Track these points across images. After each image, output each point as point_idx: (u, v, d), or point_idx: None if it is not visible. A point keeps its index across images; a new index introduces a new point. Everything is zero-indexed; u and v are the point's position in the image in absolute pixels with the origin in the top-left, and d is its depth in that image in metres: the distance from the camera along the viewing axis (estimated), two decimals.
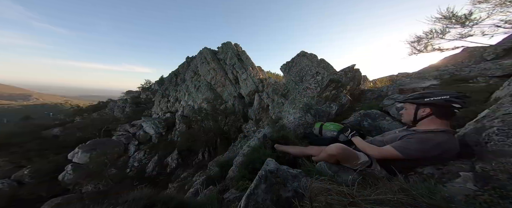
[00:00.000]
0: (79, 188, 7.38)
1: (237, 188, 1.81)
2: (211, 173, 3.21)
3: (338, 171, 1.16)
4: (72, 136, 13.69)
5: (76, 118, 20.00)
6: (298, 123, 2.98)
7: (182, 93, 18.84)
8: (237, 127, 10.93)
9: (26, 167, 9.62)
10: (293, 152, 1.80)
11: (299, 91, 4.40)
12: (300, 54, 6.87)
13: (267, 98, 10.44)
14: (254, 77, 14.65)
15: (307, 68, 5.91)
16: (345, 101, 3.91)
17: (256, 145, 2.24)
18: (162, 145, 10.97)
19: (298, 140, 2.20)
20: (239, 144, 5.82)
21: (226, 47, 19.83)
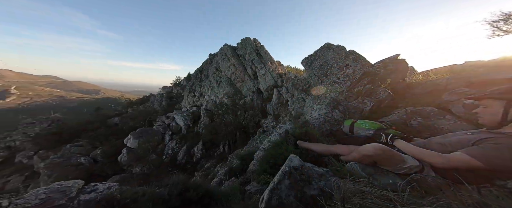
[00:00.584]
0: (130, 169, 9.09)
1: (258, 181, 1.84)
2: (233, 165, 3.37)
3: (374, 173, 1.06)
4: (126, 124, 16.89)
5: (129, 109, 24.33)
6: (324, 120, 2.72)
7: (205, 88, 20.26)
8: (255, 121, 11.05)
9: (98, 148, 12.56)
10: (317, 149, 1.70)
11: (325, 85, 3.96)
12: (324, 46, 6.14)
13: (286, 93, 10.01)
14: (272, 72, 14.24)
15: (332, 61, 5.25)
16: (383, 97, 3.31)
17: (277, 141, 2.20)
18: (190, 136, 11.95)
19: (324, 138, 2.09)
20: (259, 139, 5.86)
21: (245, 42, 19.82)
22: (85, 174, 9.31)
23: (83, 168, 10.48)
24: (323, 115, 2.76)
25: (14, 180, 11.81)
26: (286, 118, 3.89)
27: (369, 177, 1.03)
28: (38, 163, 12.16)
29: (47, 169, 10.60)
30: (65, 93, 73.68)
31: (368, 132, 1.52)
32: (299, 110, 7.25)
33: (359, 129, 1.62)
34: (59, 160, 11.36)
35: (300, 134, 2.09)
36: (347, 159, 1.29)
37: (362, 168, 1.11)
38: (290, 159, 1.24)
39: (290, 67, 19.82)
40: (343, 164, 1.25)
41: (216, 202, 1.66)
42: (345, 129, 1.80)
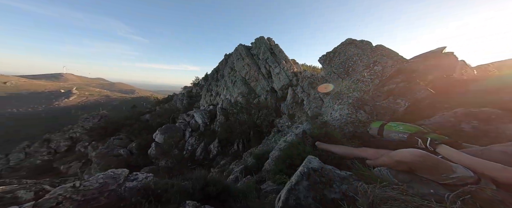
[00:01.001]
0: (157, 162, 10.17)
1: (274, 181, 1.82)
2: (248, 164, 3.39)
3: (410, 181, 0.95)
4: (155, 121, 19.03)
5: (157, 107, 27.42)
6: (346, 121, 2.47)
7: (221, 87, 21.10)
8: (269, 121, 10.92)
9: (133, 141, 14.50)
10: (339, 152, 1.60)
11: (347, 84, 3.57)
12: (346, 42, 5.54)
13: (302, 92, 9.53)
14: (287, 71, 13.78)
15: (355, 57, 4.69)
16: (423, 96, 2.78)
17: (294, 141, 2.16)
18: (207, 134, 12.58)
19: (346, 140, 1.98)
20: (273, 139, 5.74)
21: (259, 42, 19.73)
22: (124, 164, 10.87)
23: (122, 158, 12.27)
24: (345, 116, 2.50)
25: (74, 165, 14.71)
26: (303, 118, 3.67)
27: (404, 184, 0.92)
28: (91, 153, 14.82)
29: (96, 158, 12.84)
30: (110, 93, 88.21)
31: (402, 136, 1.38)
32: (316, 110, 6.80)
33: (390, 132, 1.48)
34: (105, 150, 13.59)
35: (318, 135, 2.01)
36: (375, 164, 1.19)
37: (393, 174, 1.01)
38: (309, 160, 1.21)
39: (306, 66, 18.85)
40: (369, 169, 1.15)
41: (233, 198, 1.69)
42: (373, 131, 1.68)
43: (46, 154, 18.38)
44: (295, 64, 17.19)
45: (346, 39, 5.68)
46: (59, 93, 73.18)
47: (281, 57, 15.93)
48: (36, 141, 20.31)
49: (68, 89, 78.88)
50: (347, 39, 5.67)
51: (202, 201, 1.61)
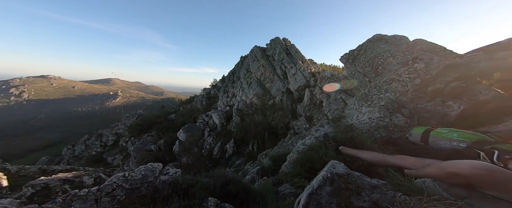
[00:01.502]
0: (180, 159, 11.06)
1: (292, 184, 1.77)
2: (265, 165, 3.34)
3: (468, 197, 0.82)
4: (179, 120, 20.94)
5: (180, 108, 30.30)
6: (377, 125, 2.17)
7: (237, 89, 21.70)
8: (284, 123, 10.58)
9: (162, 138, 16.27)
10: (368, 158, 1.44)
11: (377, 84, 3.11)
12: (374, 38, 4.87)
13: (321, 94, 8.89)
14: (304, 71, 13.14)
15: (387, 54, 4.06)
16: (486, 97, 2.20)
17: (314, 144, 2.05)
18: (223, 134, 13.03)
19: (377, 146, 1.80)
20: (290, 141, 5.51)
21: (274, 43, 19.52)
22: (154, 159, 12.28)
23: (153, 154, 13.90)
24: (375, 120, 2.20)
25: (117, 158, 17.45)
26: (323, 120, 3.38)
27: (460, 200, 0.80)
28: (130, 147, 17.32)
29: (134, 152, 14.91)
30: (145, 95, 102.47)
31: (456, 145, 1.20)
32: (338, 113, 6.21)
33: (440, 140, 1.29)
34: (140, 146, 15.68)
35: (343, 139, 1.89)
36: (418, 174, 1.06)
37: (444, 188, 0.90)
38: (333, 165, 1.16)
39: (324, 65, 17.63)
40: (410, 179, 1.04)
41: (251, 198, 1.67)
42: (414, 137, 1.50)
43: (99, 146, 22.45)
44: (313, 64, 16.26)
45: (374, 35, 5.01)
46: (109, 95, 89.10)
47: (298, 57, 15.33)
48: (92, 135, 25.06)
49: (115, 91, 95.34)
50: (375, 35, 5.00)
51: (222, 199, 1.64)
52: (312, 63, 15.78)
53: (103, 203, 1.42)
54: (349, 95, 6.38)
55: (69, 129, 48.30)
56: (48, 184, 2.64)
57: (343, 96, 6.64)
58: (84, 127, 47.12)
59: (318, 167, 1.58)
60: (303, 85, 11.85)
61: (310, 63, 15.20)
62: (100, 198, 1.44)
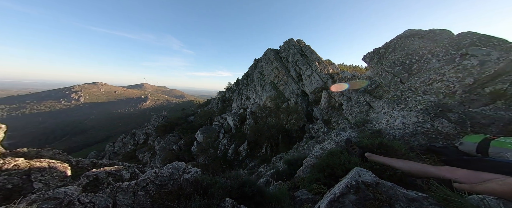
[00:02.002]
0: (197, 159, 11.67)
1: (309, 189, 1.74)
2: (280, 169, 3.25)
3: None
4: (197, 122, 22.33)
5: (198, 110, 32.42)
6: (413, 131, 1.92)
7: (251, 92, 22.00)
8: (299, 126, 10.12)
9: (182, 139, 17.57)
10: (404, 168, 1.31)
11: (412, 85, 2.69)
12: (405, 34, 4.25)
13: (340, 96, 8.20)
14: (320, 73, 12.44)
15: (423, 51, 3.48)
16: None
17: (334, 150, 1.98)
18: (237, 136, 13.25)
19: (415, 154, 1.63)
20: (306, 145, 5.21)
21: (288, 44, 19.22)
22: (175, 158, 13.31)
23: (174, 153, 15.09)
24: (412, 125, 1.92)
25: (146, 155, 19.55)
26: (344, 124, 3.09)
27: None
28: (156, 146, 19.23)
29: (159, 151, 16.49)
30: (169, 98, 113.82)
31: None
32: (361, 116, 5.60)
33: (503, 151, 1.13)
34: (164, 145, 17.26)
35: (369, 145, 1.77)
36: (474, 189, 0.95)
37: None
38: (358, 173, 1.10)
39: (344, 66, 16.38)
40: (461, 194, 0.92)
41: (266, 202, 1.64)
42: (467, 147, 1.34)
43: (132, 144, 25.65)
44: (330, 64, 15.27)
45: (405, 31, 4.38)
46: (141, 99, 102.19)
47: (313, 58, 14.66)
48: (128, 134, 28.88)
49: (145, 95, 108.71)
50: (406, 30, 4.38)
51: (238, 200, 1.64)
52: (330, 64, 14.85)
53: (139, 196, 1.58)
54: (374, 97, 5.70)
55: (111, 128, 57.05)
56: (97, 175, 3.11)
57: (367, 98, 5.97)
58: (122, 126, 54.87)
59: (339, 174, 1.52)
60: (320, 87, 11.20)
61: (327, 64, 14.35)
62: (136, 191, 1.60)
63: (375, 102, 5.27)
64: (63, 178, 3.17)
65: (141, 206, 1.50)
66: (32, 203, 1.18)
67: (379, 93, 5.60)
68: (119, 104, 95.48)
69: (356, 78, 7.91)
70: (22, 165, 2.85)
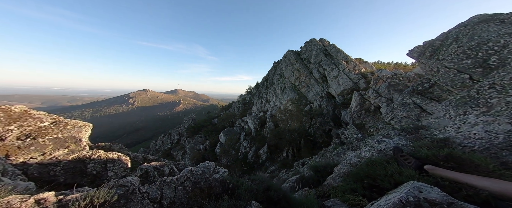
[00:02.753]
0: (220, 160, 12.26)
1: (343, 200, 1.62)
2: (305, 174, 3.08)
3: None
4: (220, 124, 23.77)
5: (221, 113, 34.57)
6: (505, 142, 1.43)
7: (271, 95, 21.80)
8: (324, 130, 9.17)
9: (207, 140, 18.96)
10: (491, 188, 1.01)
11: (495, 82, 1.97)
12: (473, 21, 3.22)
13: (377, 97, 6.95)
14: (349, 72, 11.05)
15: (505, 39, 2.53)
16: None
17: (377, 159, 1.77)
18: (258, 139, 13.25)
19: (506, 171, 1.26)
20: (335, 151, 4.60)
21: (310, 45, 18.19)
22: (202, 158, 14.42)
23: (201, 153, 16.43)
24: (503, 134, 1.44)
25: (179, 154, 22.05)
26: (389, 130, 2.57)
27: None
28: (186, 146, 21.47)
29: (189, 150, 18.32)
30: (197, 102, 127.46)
31: None
32: (409, 121, 4.53)
33: None
34: (193, 145, 19.08)
35: (432, 156, 1.50)
36: None
37: None
38: (417, 187, 0.97)
39: (380, 64, 14.06)
40: None
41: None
42: None
43: (169, 143, 29.62)
44: (362, 63, 13.38)
45: (473, 17, 3.33)
46: (175, 103, 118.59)
47: (340, 57, 13.25)
48: (166, 134, 33.61)
49: (179, 99, 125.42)
50: (474, 16, 3.32)
51: (263, 204, 1.60)
52: (361, 62, 13.07)
53: (178, 190, 1.74)
54: (428, 99, 4.52)
55: (154, 129, 68.33)
56: (147, 169, 3.70)
57: (418, 100, 4.79)
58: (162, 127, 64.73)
59: (385, 186, 1.34)
60: (349, 88, 9.95)
61: (358, 62, 12.70)
62: (177, 186, 1.77)
63: (430, 104, 4.17)
64: (126, 169, 3.92)
65: (180, 200, 1.65)
66: (112, 187, 1.47)
67: (436, 93, 4.40)
68: (160, 107, 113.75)
69: (399, 77, 6.61)
70: (103, 156, 3.70)
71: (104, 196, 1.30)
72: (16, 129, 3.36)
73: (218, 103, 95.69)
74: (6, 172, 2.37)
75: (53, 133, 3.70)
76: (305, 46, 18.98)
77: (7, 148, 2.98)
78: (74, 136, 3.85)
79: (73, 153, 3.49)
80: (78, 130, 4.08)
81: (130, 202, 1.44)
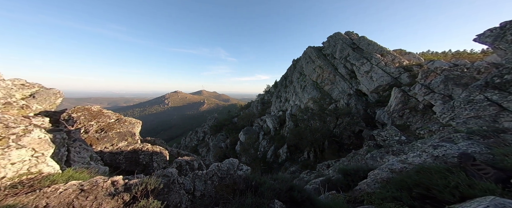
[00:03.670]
0: (240, 158, 12.56)
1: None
2: (332, 177, 2.84)
3: None
4: (240, 123, 24.52)
5: (241, 112, 35.64)
6: None
7: (290, 93, 20.99)
8: (353, 131, 8.10)
9: (228, 138, 19.92)
10: None
11: None
12: None
13: (428, 94, 5.62)
14: (387, 66, 9.40)
15: None
16: None
17: (432, 166, 1.50)
18: (277, 138, 12.82)
19: None
20: (369, 154, 3.95)
21: (334, 39, 16.53)
22: (223, 155, 15.16)
23: (223, 150, 17.38)
24: None
25: (204, 150, 23.46)
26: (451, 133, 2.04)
27: None
28: (210, 143, 23.00)
29: (212, 147, 19.71)
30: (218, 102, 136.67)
31: None
32: (480, 122, 3.44)
33: None
34: (216, 143, 20.41)
35: None
36: None
37: None
38: (501, 205, 0.75)
39: (430, 54, 11.43)
40: None
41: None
42: None
43: (195, 140, 32.61)
44: (404, 54, 11.15)
45: None
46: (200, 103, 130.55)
47: (372, 50, 11.47)
48: (193, 132, 37.11)
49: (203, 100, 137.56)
50: None
51: (286, 204, 1.56)
52: (403, 54, 10.97)
53: (208, 184, 1.86)
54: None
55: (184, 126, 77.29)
56: (181, 163, 4.21)
57: (495, 95, 3.60)
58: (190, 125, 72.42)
59: (445, 198, 1.13)
60: (387, 84, 8.51)
61: (398, 54, 10.74)
62: (206, 180, 1.90)
63: None
64: (165, 161, 4.55)
65: (209, 193, 1.73)
66: (158, 176, 1.70)
67: None
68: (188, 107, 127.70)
69: (462, 68, 5.23)
70: (150, 149, 4.41)
71: (154, 184, 1.49)
72: (95, 124, 4.21)
73: (238, 102, 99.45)
74: (92, 158, 3.15)
75: (117, 128, 4.42)
76: (328, 41, 17.45)
77: (90, 139, 3.95)
78: (130, 131, 4.65)
79: (131, 145, 4.28)
80: (133, 126, 4.77)
81: (171, 191, 1.59)
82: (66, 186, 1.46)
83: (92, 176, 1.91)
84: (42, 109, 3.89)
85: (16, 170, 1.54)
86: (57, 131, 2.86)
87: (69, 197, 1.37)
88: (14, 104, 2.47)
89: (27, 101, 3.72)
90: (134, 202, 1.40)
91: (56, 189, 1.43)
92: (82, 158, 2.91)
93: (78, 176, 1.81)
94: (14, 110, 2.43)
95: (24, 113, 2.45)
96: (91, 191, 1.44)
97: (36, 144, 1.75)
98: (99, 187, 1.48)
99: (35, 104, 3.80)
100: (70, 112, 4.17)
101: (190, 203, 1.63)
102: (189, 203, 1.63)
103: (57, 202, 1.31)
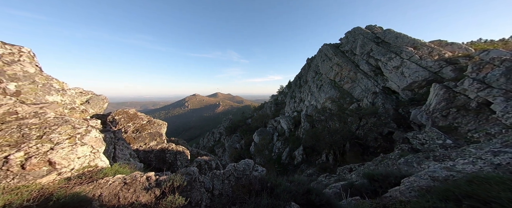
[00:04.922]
0: (254, 159, 12.53)
1: None
2: (355, 182, 2.64)
3: None
4: (253, 124, 24.69)
5: (254, 113, 35.83)
6: None
7: (305, 93, 20.10)
8: (381, 132, 7.17)
9: (243, 139, 20.24)
10: None
11: None
12: None
13: (483, 90, 4.57)
14: (423, 60, 8.10)
15: None
16: None
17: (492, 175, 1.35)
18: (292, 139, 12.44)
19: None
20: (402, 159, 3.41)
21: (353, 35, 15.20)
22: (238, 156, 15.43)
23: (237, 151, 17.75)
24: None
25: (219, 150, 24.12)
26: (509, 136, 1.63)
27: None
28: (226, 144, 23.74)
29: (228, 148, 20.33)
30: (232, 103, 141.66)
31: None
32: None
33: None
34: (231, 143, 20.99)
35: None
36: None
37: None
38: None
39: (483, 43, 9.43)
40: None
41: None
42: None
43: (212, 141, 34.15)
44: (445, 45, 9.41)
45: None
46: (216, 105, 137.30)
47: (402, 43, 10.08)
48: (210, 133, 38.99)
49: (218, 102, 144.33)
50: None
51: (303, 206, 1.51)
52: (443, 45, 9.32)
53: (225, 184, 1.91)
54: None
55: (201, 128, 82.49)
56: (200, 162, 4.50)
57: None
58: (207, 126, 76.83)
59: None
60: (424, 79, 7.34)
61: (437, 45, 9.20)
62: (224, 180, 1.96)
63: None
64: (187, 160, 4.94)
65: (226, 193, 1.78)
66: (182, 174, 1.85)
67: None
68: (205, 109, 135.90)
69: None
70: (174, 148, 4.86)
71: (179, 181, 1.61)
72: (132, 125, 4.76)
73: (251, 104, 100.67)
74: (131, 155, 3.64)
75: (148, 129, 4.88)
76: (346, 37, 16.20)
77: (129, 138, 4.57)
78: (158, 132, 5.05)
79: (159, 144, 4.78)
80: (160, 127, 5.20)
81: (193, 188, 1.69)
82: (114, 179, 1.69)
83: (132, 171, 2.19)
84: (94, 113, 4.61)
85: (80, 163, 1.85)
86: (106, 131, 3.41)
87: (116, 188, 1.59)
88: (76, 109, 3.00)
89: (85, 106, 4.43)
90: (163, 197, 1.53)
91: (107, 181, 1.66)
92: (124, 155, 3.39)
93: (122, 170, 2.10)
94: (77, 114, 2.96)
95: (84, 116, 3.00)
96: (131, 184, 1.63)
97: (94, 142, 2.07)
98: (137, 181, 1.66)
99: (90, 109, 4.51)
100: (113, 115, 4.92)
101: (210, 201, 1.70)
102: (209, 201, 1.70)
103: (107, 192, 1.55)
